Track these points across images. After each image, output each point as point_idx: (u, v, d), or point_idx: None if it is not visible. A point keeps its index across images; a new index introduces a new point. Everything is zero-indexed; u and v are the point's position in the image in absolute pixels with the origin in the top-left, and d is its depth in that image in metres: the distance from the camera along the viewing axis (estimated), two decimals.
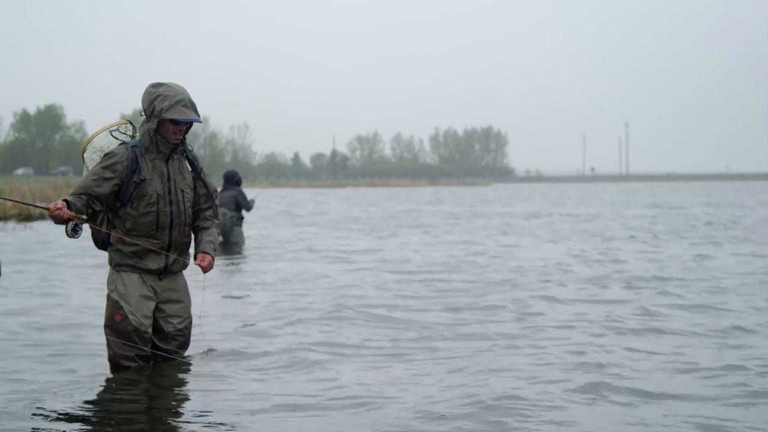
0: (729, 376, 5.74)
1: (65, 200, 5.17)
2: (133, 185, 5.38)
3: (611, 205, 39.32)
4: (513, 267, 12.35)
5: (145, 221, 5.42)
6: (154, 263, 5.48)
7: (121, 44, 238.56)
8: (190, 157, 5.60)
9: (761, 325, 7.62)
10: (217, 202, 5.72)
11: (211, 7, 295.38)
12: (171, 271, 5.58)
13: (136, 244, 5.42)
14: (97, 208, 5.35)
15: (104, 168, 5.36)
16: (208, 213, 5.68)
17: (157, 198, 5.42)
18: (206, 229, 5.66)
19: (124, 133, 5.64)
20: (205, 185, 5.66)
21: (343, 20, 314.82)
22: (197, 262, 5.54)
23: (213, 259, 5.58)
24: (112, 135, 5.63)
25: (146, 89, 5.41)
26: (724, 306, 8.66)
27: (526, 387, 5.39)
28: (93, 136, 5.64)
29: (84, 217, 5.26)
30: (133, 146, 5.44)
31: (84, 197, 5.28)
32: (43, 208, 5.13)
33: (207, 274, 5.72)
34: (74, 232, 5.30)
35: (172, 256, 5.52)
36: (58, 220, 5.13)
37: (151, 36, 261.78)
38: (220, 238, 14.21)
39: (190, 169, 5.62)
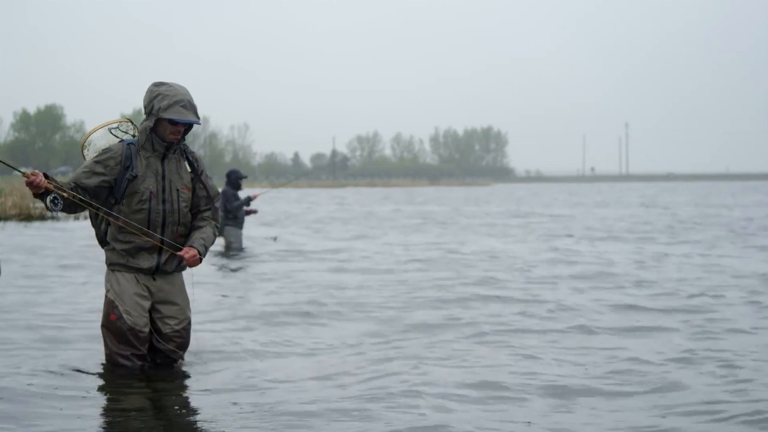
0: (626, 373, 5.90)
1: (44, 174, 5.16)
2: (125, 182, 5.38)
3: (598, 205, 39.69)
4: (468, 265, 12.78)
5: (137, 218, 5.39)
6: (146, 261, 5.48)
7: (121, 44, 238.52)
8: (191, 158, 5.57)
9: (675, 322, 7.88)
10: (217, 204, 5.69)
11: (211, 7, 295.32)
12: (164, 271, 5.56)
13: (129, 242, 5.43)
14: (86, 198, 5.33)
15: (96, 162, 5.39)
16: (206, 214, 5.63)
17: (149, 195, 5.40)
18: (200, 228, 5.60)
19: (125, 132, 5.63)
20: (205, 187, 5.61)
21: (343, 20, 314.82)
22: (181, 253, 5.45)
23: (199, 254, 5.47)
24: (111, 133, 5.62)
25: (148, 87, 5.42)
26: (652, 305, 8.85)
27: (431, 381, 5.60)
28: (92, 132, 5.65)
29: (63, 194, 5.19)
30: (129, 144, 5.44)
31: (72, 184, 5.31)
32: (21, 172, 5.08)
33: (195, 269, 5.74)
34: (53, 204, 5.16)
35: (166, 242, 5.47)
36: (35, 188, 5.09)
37: (151, 36, 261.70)
38: (218, 239, 14.24)
39: (189, 170, 5.59)
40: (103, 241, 5.60)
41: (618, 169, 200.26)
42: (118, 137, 5.59)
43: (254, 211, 15.15)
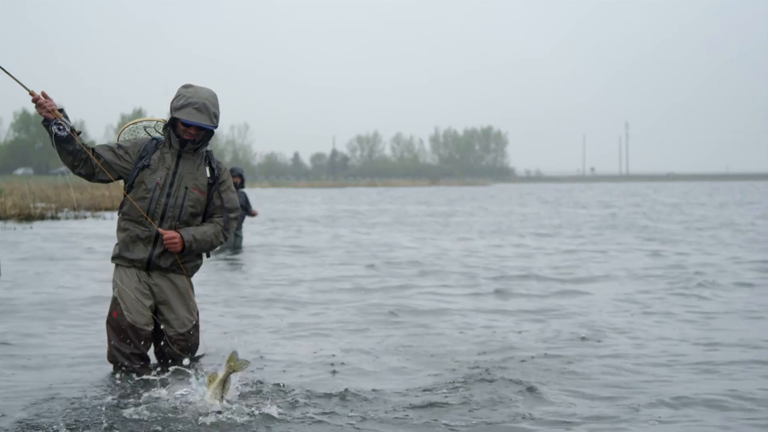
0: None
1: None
2: (136, 170, 5.47)
3: (568, 205, 41.46)
4: (393, 257, 14.27)
5: (138, 206, 5.44)
6: (140, 253, 5.49)
7: (121, 43, 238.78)
8: (213, 165, 5.62)
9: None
10: (231, 215, 5.64)
11: (212, 7, 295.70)
12: (159, 267, 5.54)
13: (126, 230, 5.50)
14: (92, 162, 5.36)
15: (119, 145, 5.55)
16: (216, 219, 5.63)
17: (155, 186, 5.47)
18: (202, 224, 5.62)
19: (160, 133, 5.75)
20: (221, 197, 5.63)
21: (344, 19, 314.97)
22: (161, 230, 5.44)
23: (182, 240, 5.45)
24: (146, 130, 5.81)
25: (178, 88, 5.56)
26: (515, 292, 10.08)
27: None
28: (128, 125, 5.85)
29: (73, 126, 5.23)
30: (154, 139, 5.60)
31: (88, 145, 5.39)
32: (28, 90, 5.11)
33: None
34: (58, 129, 5.16)
35: (159, 231, 5.46)
36: (42, 109, 5.14)
37: (151, 35, 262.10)
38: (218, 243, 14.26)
39: (208, 175, 5.61)
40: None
41: (618, 169, 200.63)
42: (150, 135, 5.74)
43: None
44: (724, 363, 6.27)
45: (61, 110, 5.23)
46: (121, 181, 5.59)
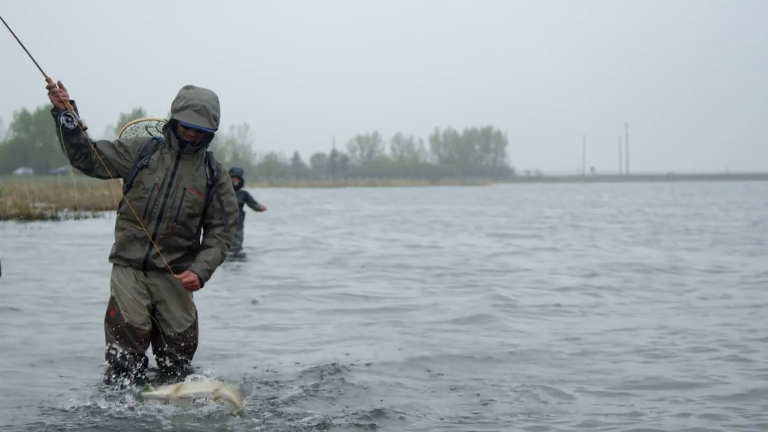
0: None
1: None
2: (135, 170, 5.48)
3: (537, 205, 43.08)
4: (339, 253, 15.33)
5: (135, 206, 5.47)
6: (137, 252, 5.49)
7: (121, 43, 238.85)
8: (213, 167, 5.61)
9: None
10: (230, 220, 5.62)
11: (212, 7, 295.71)
12: (156, 267, 5.52)
13: (123, 229, 5.51)
14: (93, 157, 5.39)
15: (119, 142, 5.56)
16: (217, 231, 5.60)
17: (153, 186, 5.47)
18: (208, 247, 5.58)
19: (161, 133, 5.75)
20: (220, 200, 5.62)
21: (344, 19, 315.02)
22: (180, 277, 5.42)
23: (198, 278, 5.44)
24: (147, 130, 5.82)
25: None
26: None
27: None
28: (131, 124, 5.89)
29: (81, 120, 5.28)
30: (155, 139, 5.60)
31: (92, 139, 5.43)
32: (45, 76, 5.14)
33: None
34: (66, 120, 5.21)
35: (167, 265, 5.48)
36: (55, 98, 5.19)
37: (151, 35, 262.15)
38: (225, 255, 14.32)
39: (207, 176, 5.60)
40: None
41: (618, 169, 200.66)
42: (152, 135, 5.75)
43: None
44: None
45: (72, 102, 5.26)
46: (121, 180, 5.61)
